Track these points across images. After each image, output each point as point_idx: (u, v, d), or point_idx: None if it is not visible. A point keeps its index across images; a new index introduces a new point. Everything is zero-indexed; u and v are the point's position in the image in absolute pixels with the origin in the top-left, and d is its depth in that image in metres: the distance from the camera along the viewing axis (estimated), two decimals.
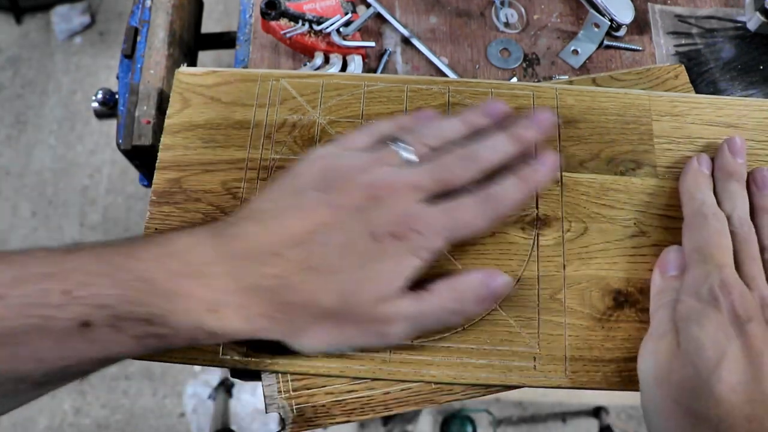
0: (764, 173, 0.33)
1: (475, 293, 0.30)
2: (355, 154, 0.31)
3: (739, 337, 0.27)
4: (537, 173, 0.32)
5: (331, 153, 0.32)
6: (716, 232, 0.31)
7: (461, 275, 0.30)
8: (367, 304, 0.28)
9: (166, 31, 0.47)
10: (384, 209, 0.29)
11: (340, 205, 0.29)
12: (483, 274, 0.30)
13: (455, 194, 0.30)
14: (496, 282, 0.30)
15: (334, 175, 0.30)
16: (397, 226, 0.29)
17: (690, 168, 0.35)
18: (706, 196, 0.33)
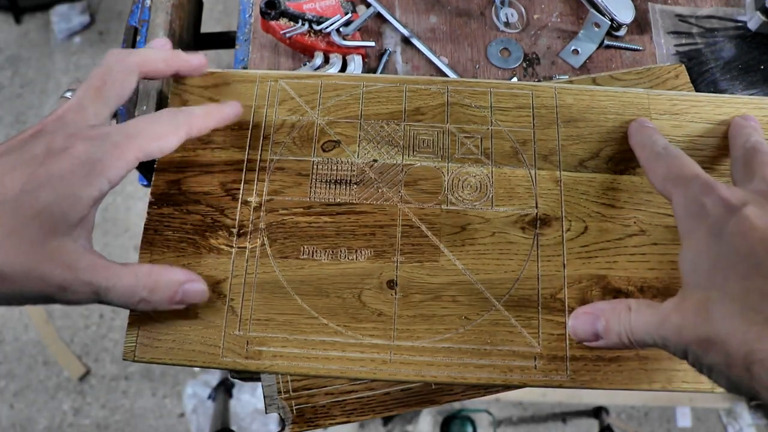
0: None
1: (170, 290, 0.29)
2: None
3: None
4: (223, 105, 0.34)
5: None
6: (674, 157, 0.31)
7: (164, 267, 0.30)
8: (39, 242, 0.26)
9: (166, 31, 0.47)
10: (65, 125, 0.28)
11: (23, 134, 0.28)
12: (184, 275, 0.30)
13: None
14: (193, 288, 0.30)
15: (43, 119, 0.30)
16: (70, 138, 0.27)
17: (632, 128, 0.36)
18: (654, 139, 0.33)
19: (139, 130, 0.29)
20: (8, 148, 0.27)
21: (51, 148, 0.27)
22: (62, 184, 0.26)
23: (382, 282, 0.33)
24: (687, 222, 0.28)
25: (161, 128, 0.30)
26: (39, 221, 0.26)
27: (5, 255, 0.25)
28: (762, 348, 0.23)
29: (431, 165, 0.36)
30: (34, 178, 0.26)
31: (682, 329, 0.26)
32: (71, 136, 0.28)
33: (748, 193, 0.27)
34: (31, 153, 0.27)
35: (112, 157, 0.27)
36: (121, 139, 0.28)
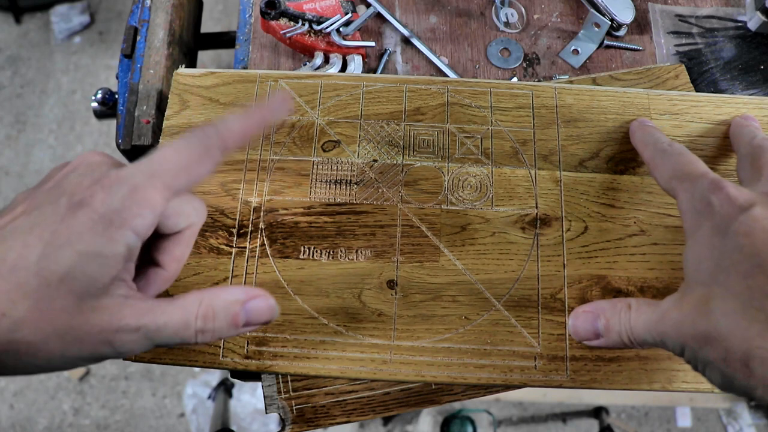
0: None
1: (229, 314, 0.25)
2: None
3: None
4: (263, 109, 0.28)
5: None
6: (680, 155, 0.31)
7: (219, 289, 0.26)
8: (71, 308, 0.23)
9: (166, 31, 0.47)
10: (81, 175, 0.25)
11: (35, 192, 0.25)
12: (243, 293, 0.26)
13: None
14: (257, 305, 0.26)
15: (51, 172, 0.27)
16: (89, 188, 0.24)
17: (634, 126, 0.36)
18: (658, 137, 0.33)
19: (163, 164, 0.25)
20: (33, 202, 0.25)
21: (72, 200, 0.24)
22: (82, 243, 0.23)
23: (382, 282, 0.33)
24: (693, 219, 0.28)
25: (189, 157, 0.25)
26: (66, 286, 0.23)
27: (34, 326, 0.23)
28: (762, 345, 0.23)
29: (431, 165, 0.36)
30: (55, 238, 0.23)
31: (681, 325, 0.26)
32: (94, 183, 0.24)
33: (756, 194, 0.27)
34: (53, 208, 0.24)
35: (133, 205, 0.24)
36: (142, 180, 0.24)
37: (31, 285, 0.23)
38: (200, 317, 0.25)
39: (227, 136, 0.27)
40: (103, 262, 0.23)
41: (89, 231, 0.23)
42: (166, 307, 0.25)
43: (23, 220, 0.24)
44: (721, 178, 0.28)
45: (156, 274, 0.28)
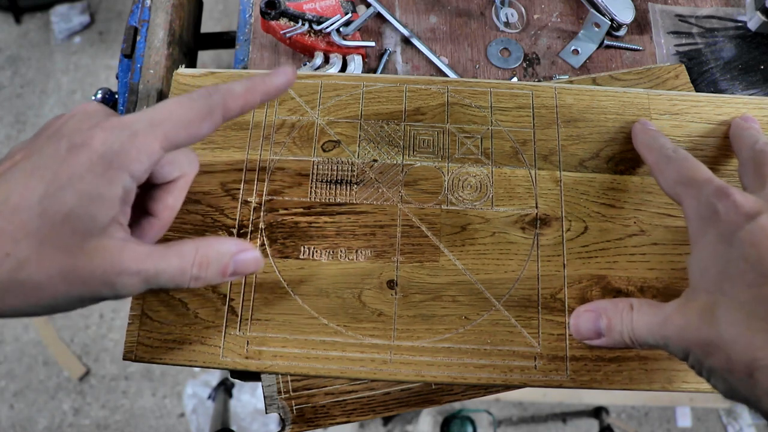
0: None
1: (221, 263, 0.27)
2: None
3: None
4: (269, 76, 0.29)
5: None
6: (685, 160, 0.31)
7: (212, 239, 0.27)
8: (73, 247, 0.24)
9: (166, 31, 0.47)
10: (79, 120, 0.25)
11: (35, 138, 0.26)
12: (235, 245, 0.27)
13: None
14: (245, 257, 0.27)
15: (49, 121, 0.27)
16: (89, 130, 0.25)
17: (637, 129, 0.36)
18: (662, 142, 0.33)
19: (165, 116, 0.26)
20: (33, 147, 0.25)
21: (72, 142, 0.24)
22: (83, 183, 0.24)
23: (382, 282, 0.33)
24: (698, 226, 0.28)
25: (192, 113, 0.26)
26: (69, 226, 0.24)
27: (39, 265, 0.23)
28: (766, 356, 0.23)
29: (431, 165, 0.36)
30: (56, 179, 0.24)
31: (685, 331, 0.26)
32: (93, 127, 0.25)
33: (763, 201, 0.27)
34: (53, 150, 0.25)
35: (132, 149, 0.24)
36: (143, 127, 0.25)
37: (34, 224, 0.23)
38: (196, 265, 0.26)
39: (230, 101, 0.27)
40: (102, 203, 0.24)
41: (89, 171, 0.24)
42: (164, 253, 0.26)
43: (24, 163, 0.24)
44: (726, 184, 0.28)
45: (149, 222, 0.29)
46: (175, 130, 0.26)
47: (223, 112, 0.27)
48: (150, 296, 0.33)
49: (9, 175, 0.24)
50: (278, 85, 0.29)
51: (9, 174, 0.24)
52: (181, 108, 0.26)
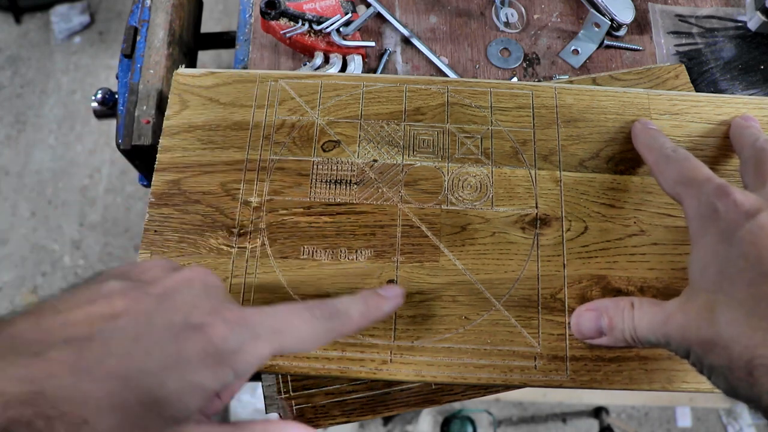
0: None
1: None
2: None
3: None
4: (384, 301, 0.29)
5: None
6: (685, 160, 0.31)
7: (277, 424, 0.26)
8: (152, 429, 0.22)
9: (166, 31, 0.47)
10: (197, 295, 0.24)
11: (141, 292, 0.24)
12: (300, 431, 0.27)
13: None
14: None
15: (149, 267, 0.26)
16: (209, 315, 0.24)
17: (637, 129, 0.35)
18: (662, 142, 0.33)
19: (286, 327, 0.25)
20: (138, 306, 0.23)
21: (189, 323, 0.23)
22: (189, 372, 0.23)
23: (382, 282, 0.33)
24: (698, 225, 0.28)
25: (311, 334, 0.26)
26: (159, 408, 0.22)
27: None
28: (765, 354, 0.23)
29: (431, 165, 0.36)
30: (163, 358, 0.22)
31: (686, 329, 0.26)
32: (214, 313, 0.24)
33: (763, 200, 0.27)
34: (166, 323, 0.23)
35: (248, 351, 0.24)
36: (265, 333, 0.24)
37: (123, 398, 0.21)
38: None
39: (345, 328, 0.27)
40: (200, 394, 0.23)
41: (200, 362, 0.23)
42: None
43: (128, 323, 0.23)
44: (726, 183, 0.28)
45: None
46: (290, 343, 0.26)
47: (336, 337, 0.27)
48: None
49: (109, 333, 0.22)
50: (390, 312, 0.30)
51: (109, 332, 0.22)
52: (303, 325, 0.26)
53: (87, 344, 0.22)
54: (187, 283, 0.25)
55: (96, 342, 0.22)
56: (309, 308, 0.26)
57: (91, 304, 0.23)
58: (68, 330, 0.22)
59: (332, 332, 0.27)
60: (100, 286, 0.24)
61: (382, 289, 0.30)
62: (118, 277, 0.25)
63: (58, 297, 0.24)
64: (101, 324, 0.22)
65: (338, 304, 0.27)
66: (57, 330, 0.22)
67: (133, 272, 0.26)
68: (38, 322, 0.22)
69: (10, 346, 0.21)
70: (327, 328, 0.27)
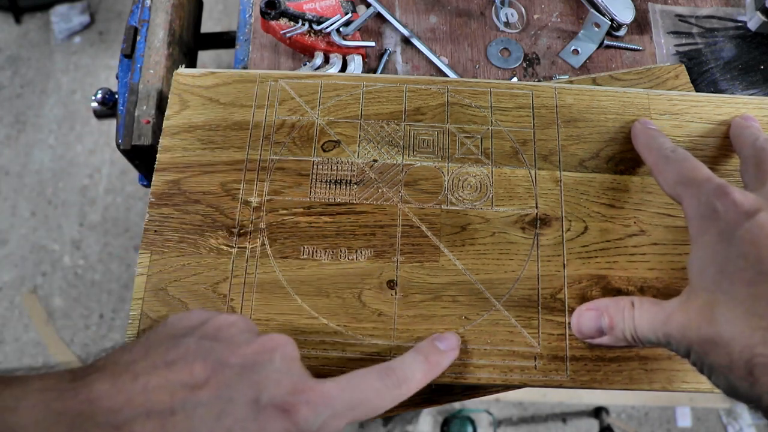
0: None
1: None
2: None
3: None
4: (444, 356, 0.30)
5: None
6: (684, 160, 0.31)
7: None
8: None
9: (166, 31, 0.47)
10: (280, 370, 0.24)
11: (220, 361, 0.24)
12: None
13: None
14: None
15: (227, 326, 0.26)
16: (292, 395, 0.24)
17: (637, 129, 0.35)
18: (661, 142, 0.33)
19: (363, 400, 0.26)
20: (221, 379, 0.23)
21: (272, 402, 0.23)
22: None
23: (382, 282, 0.33)
24: (698, 225, 0.28)
25: (381, 402, 0.26)
26: None
27: None
28: (765, 353, 0.23)
29: (431, 165, 0.36)
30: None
31: (686, 328, 0.26)
32: (297, 393, 0.24)
33: (762, 200, 0.27)
34: (248, 400, 0.23)
35: (327, 429, 0.24)
36: (343, 410, 0.25)
37: None
38: None
39: (410, 391, 0.28)
40: None
41: None
42: None
43: (210, 397, 0.23)
44: (726, 183, 0.28)
45: None
46: (364, 414, 0.26)
47: (402, 399, 0.28)
48: (150, 296, 0.33)
49: (191, 407, 0.22)
50: (448, 365, 0.30)
51: (191, 406, 0.22)
52: (376, 397, 0.26)
53: (170, 419, 0.21)
54: (269, 354, 0.25)
55: (179, 416, 0.22)
56: (380, 378, 0.27)
57: (169, 369, 0.23)
58: (149, 400, 0.22)
59: (399, 398, 0.27)
60: (176, 344, 0.24)
61: (441, 340, 0.30)
62: (192, 332, 0.25)
63: (130, 350, 0.24)
64: (182, 395, 0.22)
65: (406, 371, 0.28)
66: (137, 398, 0.22)
67: (207, 329, 0.25)
68: (116, 386, 0.22)
69: (89, 414, 0.21)
70: (395, 396, 0.27)
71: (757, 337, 0.23)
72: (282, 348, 0.26)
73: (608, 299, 0.30)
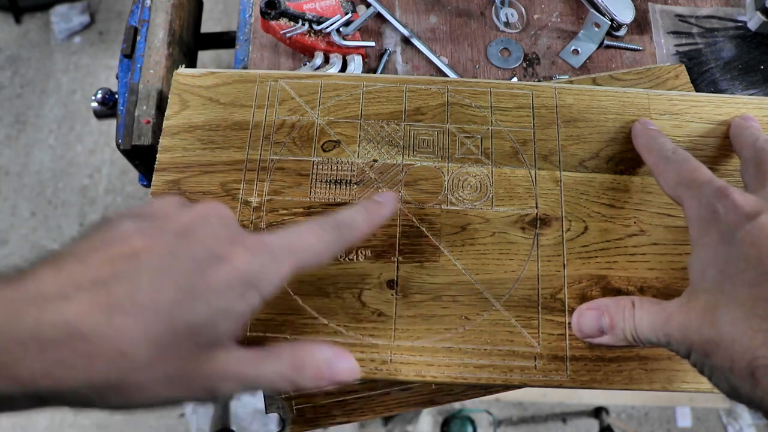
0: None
1: (316, 369, 0.27)
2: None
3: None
4: (383, 207, 0.31)
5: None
6: (685, 161, 0.31)
7: (308, 344, 0.28)
8: (188, 356, 0.23)
9: (166, 31, 0.47)
10: (215, 227, 0.25)
11: (158, 230, 0.25)
12: (332, 352, 0.28)
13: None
14: (342, 365, 0.27)
15: (160, 206, 0.27)
16: (230, 245, 0.25)
17: (637, 129, 0.35)
18: (662, 142, 0.33)
19: (302, 245, 0.27)
20: (158, 242, 0.24)
21: (212, 254, 0.24)
22: (219, 299, 0.24)
23: (382, 282, 0.33)
24: (698, 227, 0.28)
25: (323, 247, 0.28)
26: (192, 336, 0.23)
27: (150, 369, 0.23)
28: (767, 354, 0.23)
29: (431, 165, 0.36)
30: (192, 289, 0.23)
31: (687, 329, 0.26)
32: (234, 243, 0.25)
33: (763, 201, 0.27)
34: (188, 255, 0.24)
35: (270, 273, 0.25)
36: (283, 254, 0.26)
37: (157, 329, 0.22)
38: (291, 369, 0.26)
39: (354, 237, 0.29)
40: (232, 319, 0.24)
41: (228, 288, 0.24)
42: (263, 358, 0.26)
43: (151, 260, 0.23)
44: (727, 184, 0.28)
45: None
46: (306, 259, 0.27)
47: (344, 248, 0.29)
48: None
49: (134, 270, 0.23)
50: (389, 216, 0.31)
51: (134, 269, 0.23)
52: (317, 242, 0.27)
53: (114, 282, 0.22)
54: (203, 217, 0.26)
55: (123, 280, 0.23)
56: (319, 224, 0.28)
57: (109, 247, 0.24)
58: (92, 273, 0.23)
59: (343, 242, 0.28)
60: (113, 228, 0.25)
61: (378, 195, 0.32)
62: (128, 218, 0.26)
63: (71, 245, 0.25)
64: (124, 263, 0.23)
65: (345, 217, 0.29)
66: (81, 274, 0.23)
67: (144, 212, 0.26)
68: (60, 270, 0.23)
69: (38, 296, 0.22)
70: (338, 240, 0.28)
71: (758, 339, 0.23)
72: (215, 210, 0.27)
73: (609, 299, 0.30)
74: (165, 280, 0.23)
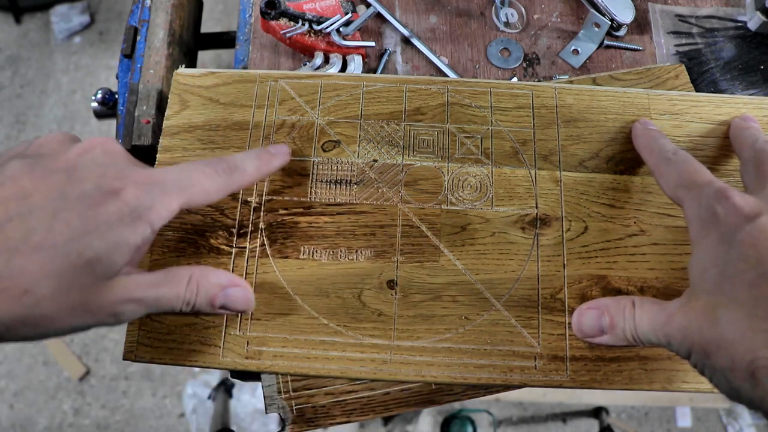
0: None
1: (210, 293, 0.29)
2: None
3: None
4: (274, 158, 0.33)
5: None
6: (685, 162, 0.31)
7: (205, 268, 0.29)
8: (89, 286, 0.25)
9: (166, 31, 0.47)
10: (102, 163, 0.26)
11: (46, 169, 0.25)
12: (227, 278, 0.29)
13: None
14: (235, 292, 0.29)
15: (46, 142, 0.27)
16: (118, 180, 0.26)
17: (637, 130, 0.36)
18: (662, 143, 0.33)
19: (191, 182, 0.28)
20: (46, 183, 0.25)
21: (102, 190, 0.25)
22: (111, 233, 0.25)
23: (382, 282, 0.33)
24: (699, 228, 0.28)
25: (213, 185, 0.29)
26: (90, 268, 0.25)
27: (54, 302, 0.24)
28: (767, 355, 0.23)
29: (431, 165, 0.36)
30: (85, 225, 0.24)
31: (687, 330, 0.26)
32: (123, 178, 0.26)
33: (763, 203, 0.27)
34: (78, 193, 0.25)
35: (160, 206, 0.26)
36: (172, 189, 0.27)
37: (55, 266, 0.24)
38: (188, 291, 0.28)
39: (242, 181, 0.31)
40: (125, 249, 0.26)
41: (119, 222, 0.25)
42: (162, 281, 0.28)
43: (41, 200, 0.25)
44: (727, 186, 0.28)
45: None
46: (196, 196, 0.28)
47: (235, 189, 0.31)
48: None
49: (26, 211, 0.24)
50: (279, 167, 0.34)
51: (26, 211, 0.24)
52: (206, 180, 0.29)
53: (8, 225, 0.24)
54: (89, 152, 0.27)
55: (15, 222, 0.24)
56: (210, 164, 0.29)
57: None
58: None
59: (232, 184, 0.30)
60: (1, 169, 0.26)
61: (271, 146, 0.34)
62: (15, 157, 0.26)
63: None
64: (15, 205, 0.24)
65: (237, 161, 0.31)
66: None
67: (29, 150, 0.27)
68: None
69: None
70: (228, 181, 0.30)
71: (759, 340, 0.23)
72: (102, 145, 0.27)
73: (609, 298, 0.30)
74: (57, 220, 0.24)
